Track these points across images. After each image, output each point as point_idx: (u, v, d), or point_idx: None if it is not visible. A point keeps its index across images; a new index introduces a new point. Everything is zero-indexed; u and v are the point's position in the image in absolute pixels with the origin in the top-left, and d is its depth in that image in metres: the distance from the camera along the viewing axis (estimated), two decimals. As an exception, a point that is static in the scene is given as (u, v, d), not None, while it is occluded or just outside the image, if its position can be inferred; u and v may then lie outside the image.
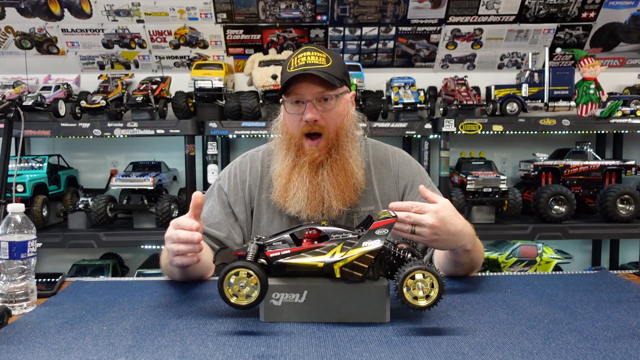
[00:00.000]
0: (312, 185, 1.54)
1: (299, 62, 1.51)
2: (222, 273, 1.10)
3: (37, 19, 3.14)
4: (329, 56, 1.54)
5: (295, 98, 1.53)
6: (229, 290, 1.11)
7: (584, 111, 3.11)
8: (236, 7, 3.12)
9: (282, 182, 1.58)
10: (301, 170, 1.55)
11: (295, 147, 1.57)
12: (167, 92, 3.18)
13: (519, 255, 2.97)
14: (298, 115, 1.54)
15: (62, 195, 3.15)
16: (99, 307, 1.30)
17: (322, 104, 1.53)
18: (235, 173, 1.71)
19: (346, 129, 1.59)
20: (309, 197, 1.54)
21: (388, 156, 1.74)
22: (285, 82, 1.50)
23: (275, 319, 1.17)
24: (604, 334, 1.10)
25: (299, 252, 1.17)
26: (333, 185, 1.55)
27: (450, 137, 3.02)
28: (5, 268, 1.27)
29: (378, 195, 1.67)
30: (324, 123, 1.54)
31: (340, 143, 1.57)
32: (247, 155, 1.77)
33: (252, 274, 1.10)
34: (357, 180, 1.60)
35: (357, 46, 3.35)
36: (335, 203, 1.55)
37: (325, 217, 1.56)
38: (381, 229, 1.17)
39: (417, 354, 1.00)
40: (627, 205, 2.97)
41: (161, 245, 2.96)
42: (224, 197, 1.68)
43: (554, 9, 3.20)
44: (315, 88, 1.51)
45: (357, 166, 1.60)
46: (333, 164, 1.56)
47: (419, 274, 1.10)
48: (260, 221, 1.67)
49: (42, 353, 1.02)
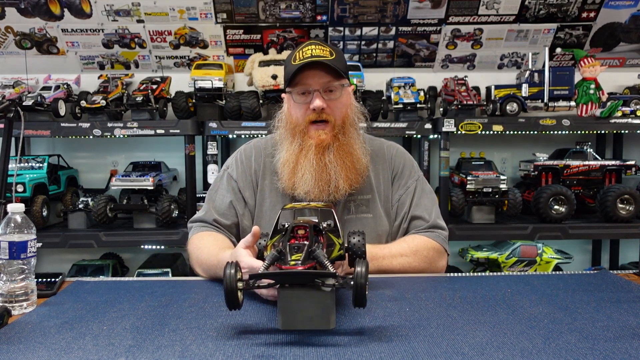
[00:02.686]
0: (319, 166, 1.59)
1: (304, 55, 1.56)
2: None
3: (37, 19, 3.14)
4: (332, 50, 1.60)
5: (302, 88, 1.59)
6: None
7: (584, 111, 3.11)
8: (236, 7, 3.12)
9: (290, 167, 1.63)
10: (308, 152, 1.61)
11: (300, 133, 1.63)
12: (167, 92, 3.18)
13: (519, 255, 2.97)
14: (305, 105, 1.59)
15: (62, 195, 3.15)
16: (99, 307, 1.30)
17: (328, 94, 1.59)
18: (242, 160, 1.77)
19: (351, 118, 1.66)
20: (316, 178, 1.59)
21: (383, 148, 1.80)
22: (293, 72, 1.55)
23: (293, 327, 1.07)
24: (604, 334, 1.10)
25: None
26: (340, 166, 1.60)
27: (450, 137, 3.02)
28: (5, 268, 1.27)
29: (374, 185, 1.73)
30: (330, 111, 1.60)
31: (346, 130, 1.64)
32: (252, 142, 1.82)
33: None
34: (362, 166, 1.66)
35: (357, 46, 3.35)
36: (342, 183, 1.60)
37: (332, 197, 1.60)
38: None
39: (416, 353, 1.00)
40: (627, 205, 2.97)
41: (161, 245, 2.98)
42: (233, 184, 1.73)
43: (554, 9, 3.20)
44: (322, 78, 1.57)
45: (362, 153, 1.66)
46: (339, 147, 1.62)
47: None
48: (263, 205, 1.72)
49: (42, 353, 1.02)
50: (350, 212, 1.68)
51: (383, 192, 1.74)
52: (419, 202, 1.73)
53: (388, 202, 1.74)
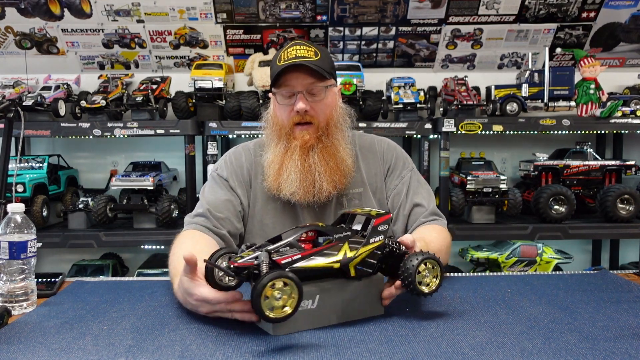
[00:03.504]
0: (304, 167, 1.59)
1: (289, 55, 1.56)
2: (257, 289, 0.98)
3: (37, 19, 3.14)
4: (317, 50, 1.59)
5: (286, 90, 1.58)
6: (265, 303, 1.00)
7: (584, 111, 3.11)
8: (236, 7, 3.12)
9: (275, 168, 1.63)
10: (293, 153, 1.61)
11: (286, 135, 1.63)
12: (167, 92, 3.18)
13: (519, 255, 2.97)
14: (289, 106, 1.60)
15: (62, 195, 3.15)
16: (99, 307, 1.30)
17: (312, 95, 1.59)
18: (231, 160, 1.75)
19: (335, 119, 1.66)
20: (301, 179, 1.59)
21: (374, 143, 1.81)
22: (277, 74, 1.55)
23: (286, 331, 1.10)
24: (604, 334, 1.10)
25: (309, 256, 1.12)
26: (324, 168, 1.60)
27: (450, 137, 3.02)
28: (5, 268, 1.27)
29: (366, 178, 1.73)
30: (314, 113, 1.60)
31: (330, 132, 1.64)
32: (239, 146, 1.82)
33: (288, 283, 1.01)
34: (347, 167, 1.65)
35: (357, 46, 3.35)
36: (326, 185, 1.60)
37: (316, 198, 1.61)
38: (382, 224, 1.21)
39: (417, 354, 1.00)
40: (627, 205, 2.97)
41: (161, 245, 2.98)
42: (224, 183, 1.71)
43: (554, 9, 3.20)
44: (306, 79, 1.56)
45: (346, 154, 1.66)
46: (323, 149, 1.62)
47: (427, 263, 1.17)
48: (255, 206, 1.71)
49: (42, 353, 1.02)
50: (343, 206, 1.68)
51: (375, 184, 1.74)
52: (416, 190, 1.72)
53: (382, 193, 1.74)
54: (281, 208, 1.68)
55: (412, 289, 1.16)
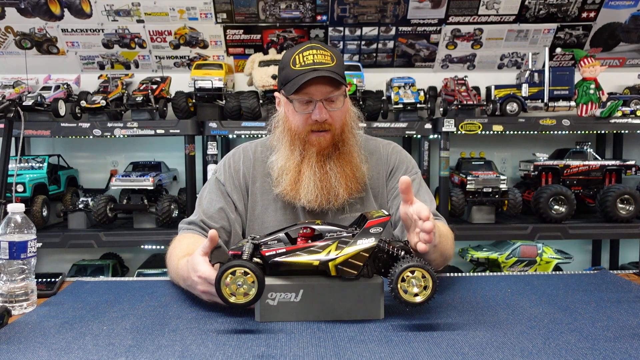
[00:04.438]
0: (322, 174, 1.59)
1: (306, 61, 1.53)
2: (218, 273, 1.11)
3: (37, 19, 3.14)
4: (332, 54, 1.57)
5: (305, 98, 1.55)
6: (227, 289, 1.11)
7: (584, 111, 3.11)
8: (236, 7, 3.12)
9: (293, 176, 1.61)
10: (310, 160, 1.60)
11: (301, 142, 1.61)
12: (167, 92, 3.18)
13: (519, 255, 2.97)
14: (306, 114, 1.57)
15: (62, 195, 3.15)
16: (99, 307, 1.30)
17: (330, 104, 1.57)
18: (230, 164, 1.75)
19: (349, 124, 1.65)
20: (320, 187, 1.58)
21: (379, 146, 1.79)
22: (301, 84, 1.50)
23: (271, 319, 1.18)
24: (604, 334, 1.10)
25: (294, 251, 1.18)
26: (341, 175, 1.60)
27: (450, 137, 3.02)
28: (5, 268, 1.27)
29: (368, 182, 1.72)
30: (331, 121, 1.59)
31: (345, 138, 1.63)
32: (240, 147, 1.81)
33: (248, 272, 1.10)
34: (361, 174, 1.65)
35: (357, 46, 3.35)
36: (342, 192, 1.60)
37: (332, 205, 1.60)
38: (375, 227, 1.19)
39: (417, 353, 1.00)
40: (627, 205, 2.97)
41: (161, 245, 2.98)
42: (222, 187, 1.72)
43: (554, 9, 3.20)
44: (325, 88, 1.54)
45: (360, 160, 1.66)
46: (339, 156, 1.61)
47: (415, 271, 1.12)
48: (255, 209, 1.70)
49: (42, 353, 1.02)
50: (345, 211, 1.67)
51: (377, 189, 1.73)
52: (418, 193, 1.71)
53: (383, 198, 1.74)
54: (282, 209, 1.67)
55: (394, 295, 1.12)
